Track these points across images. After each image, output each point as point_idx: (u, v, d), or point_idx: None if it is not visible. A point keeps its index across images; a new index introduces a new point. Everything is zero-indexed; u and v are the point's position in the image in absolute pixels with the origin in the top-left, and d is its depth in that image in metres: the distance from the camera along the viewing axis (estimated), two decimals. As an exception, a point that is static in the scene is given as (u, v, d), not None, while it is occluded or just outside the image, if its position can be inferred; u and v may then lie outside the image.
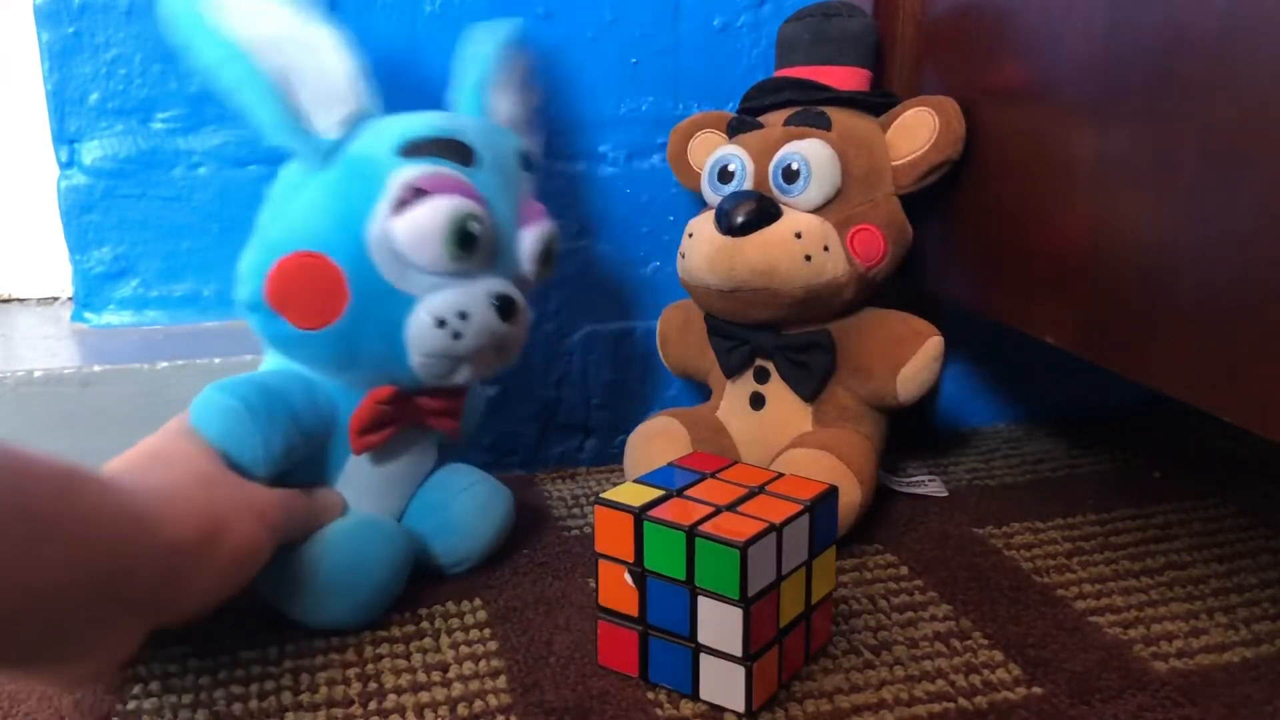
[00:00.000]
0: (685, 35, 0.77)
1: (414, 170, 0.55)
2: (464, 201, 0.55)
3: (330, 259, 0.54)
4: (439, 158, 0.56)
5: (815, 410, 0.69)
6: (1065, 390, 0.91)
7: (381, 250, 0.54)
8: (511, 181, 0.59)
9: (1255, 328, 0.46)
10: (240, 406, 0.53)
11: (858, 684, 0.52)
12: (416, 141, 0.56)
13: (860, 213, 0.67)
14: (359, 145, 0.56)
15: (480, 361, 0.58)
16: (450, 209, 0.54)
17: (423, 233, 0.54)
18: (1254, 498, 0.74)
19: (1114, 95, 0.55)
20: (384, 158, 0.56)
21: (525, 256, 0.59)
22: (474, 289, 0.56)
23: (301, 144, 0.56)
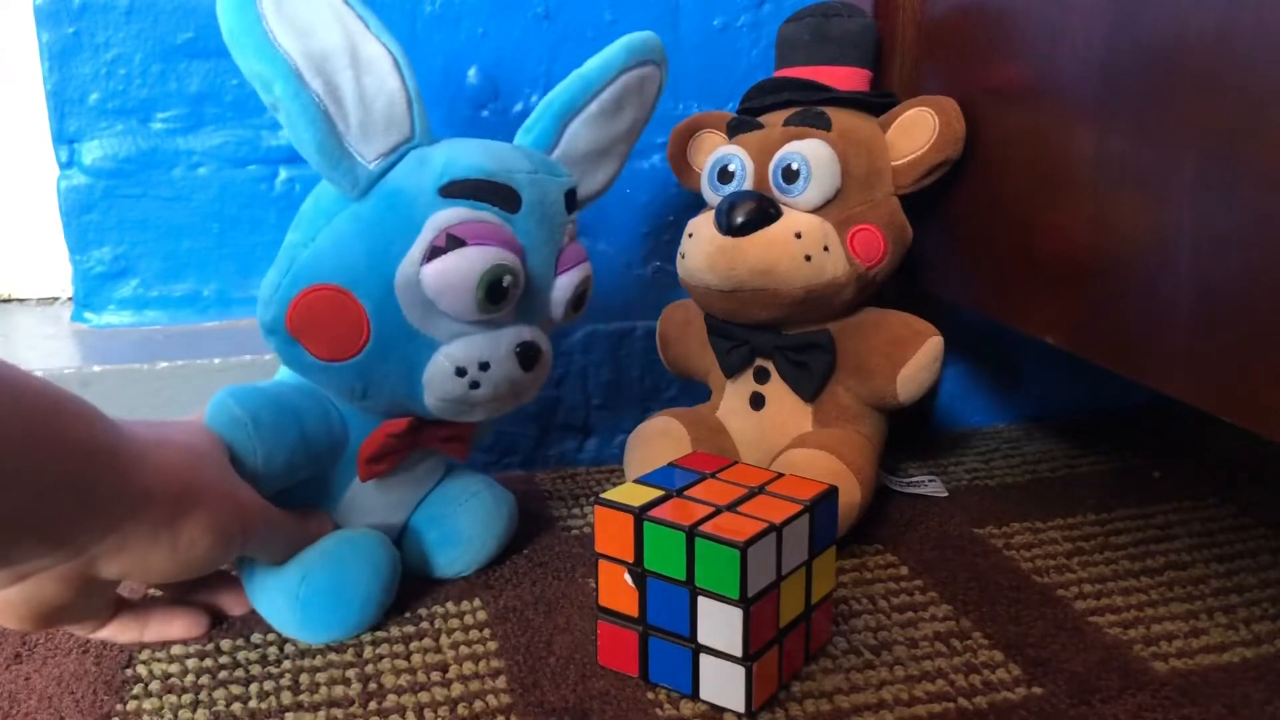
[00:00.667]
0: (685, 35, 0.77)
1: (451, 214, 0.52)
2: (500, 253, 0.53)
3: (355, 296, 0.52)
4: (481, 201, 0.53)
5: (815, 410, 0.69)
6: (1065, 390, 0.91)
7: (408, 293, 0.53)
8: (554, 227, 0.57)
9: (1255, 328, 0.46)
10: (247, 419, 0.52)
11: (858, 684, 0.52)
12: (460, 182, 0.53)
13: (860, 213, 0.67)
14: (399, 177, 0.53)
15: (497, 406, 0.57)
16: (484, 261, 0.52)
17: (454, 283, 0.52)
18: (1254, 498, 0.74)
19: (1114, 95, 0.55)
20: (423, 196, 0.53)
21: (557, 302, 0.58)
22: (498, 339, 0.55)
23: (343, 174, 0.52)
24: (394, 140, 0.53)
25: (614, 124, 0.63)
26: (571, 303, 0.59)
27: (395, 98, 0.53)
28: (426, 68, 0.72)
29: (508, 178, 0.54)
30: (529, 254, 0.55)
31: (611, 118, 0.63)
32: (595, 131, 0.62)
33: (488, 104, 0.75)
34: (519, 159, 0.56)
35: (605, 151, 0.64)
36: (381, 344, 0.53)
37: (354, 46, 0.52)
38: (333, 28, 0.51)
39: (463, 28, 0.73)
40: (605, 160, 0.64)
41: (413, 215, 0.53)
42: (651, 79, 0.64)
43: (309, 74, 0.50)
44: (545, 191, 0.56)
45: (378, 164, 0.53)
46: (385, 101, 0.53)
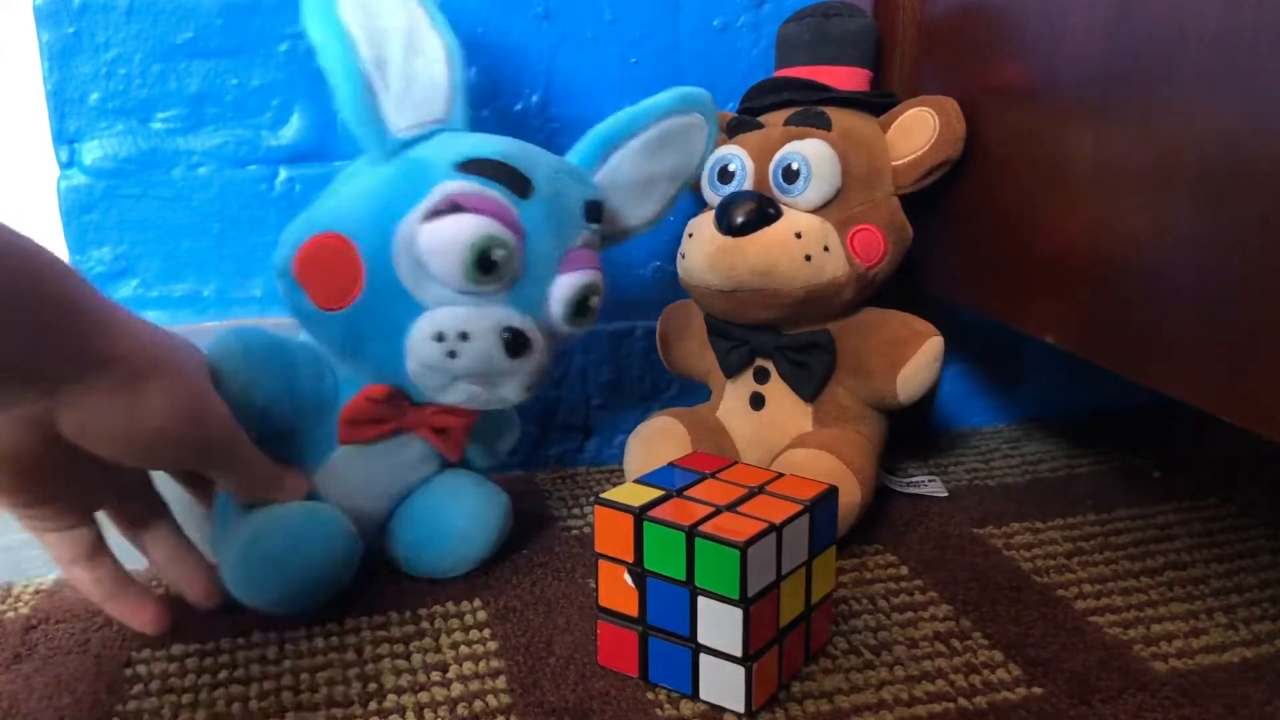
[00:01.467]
0: (685, 35, 0.77)
1: (460, 185, 0.55)
2: (496, 225, 0.54)
3: (355, 246, 0.55)
4: (492, 180, 0.55)
5: (815, 410, 0.69)
6: (1065, 390, 0.91)
7: (404, 252, 0.55)
8: (564, 225, 0.58)
9: (1255, 328, 0.46)
10: (239, 347, 0.54)
11: (858, 684, 0.52)
12: (478, 160, 0.56)
13: (860, 213, 0.67)
14: (423, 150, 0.57)
15: (477, 392, 0.58)
16: (477, 229, 0.54)
17: (445, 244, 0.54)
18: (1254, 498, 0.74)
19: (1114, 95, 0.55)
20: (440, 167, 0.56)
21: (556, 300, 0.58)
22: (483, 314, 0.56)
23: (370, 134, 0.56)
24: (427, 118, 0.57)
25: (656, 162, 0.66)
26: (573, 305, 0.59)
27: (438, 83, 0.58)
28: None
29: (524, 166, 0.57)
30: (530, 239, 0.56)
31: (654, 155, 0.65)
32: (639, 165, 0.65)
33: (488, 104, 0.75)
34: (544, 158, 0.59)
35: (648, 187, 0.66)
36: (372, 298, 0.55)
37: (412, 32, 0.57)
38: (398, 13, 0.56)
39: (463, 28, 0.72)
40: (648, 195, 0.67)
41: (426, 180, 0.55)
42: (698, 128, 0.67)
43: (363, 44, 0.55)
44: (562, 190, 0.58)
45: (406, 134, 0.57)
46: (428, 83, 0.57)
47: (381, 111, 0.56)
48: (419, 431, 0.61)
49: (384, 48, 0.56)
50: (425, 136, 0.58)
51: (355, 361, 0.58)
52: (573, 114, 0.76)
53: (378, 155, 0.57)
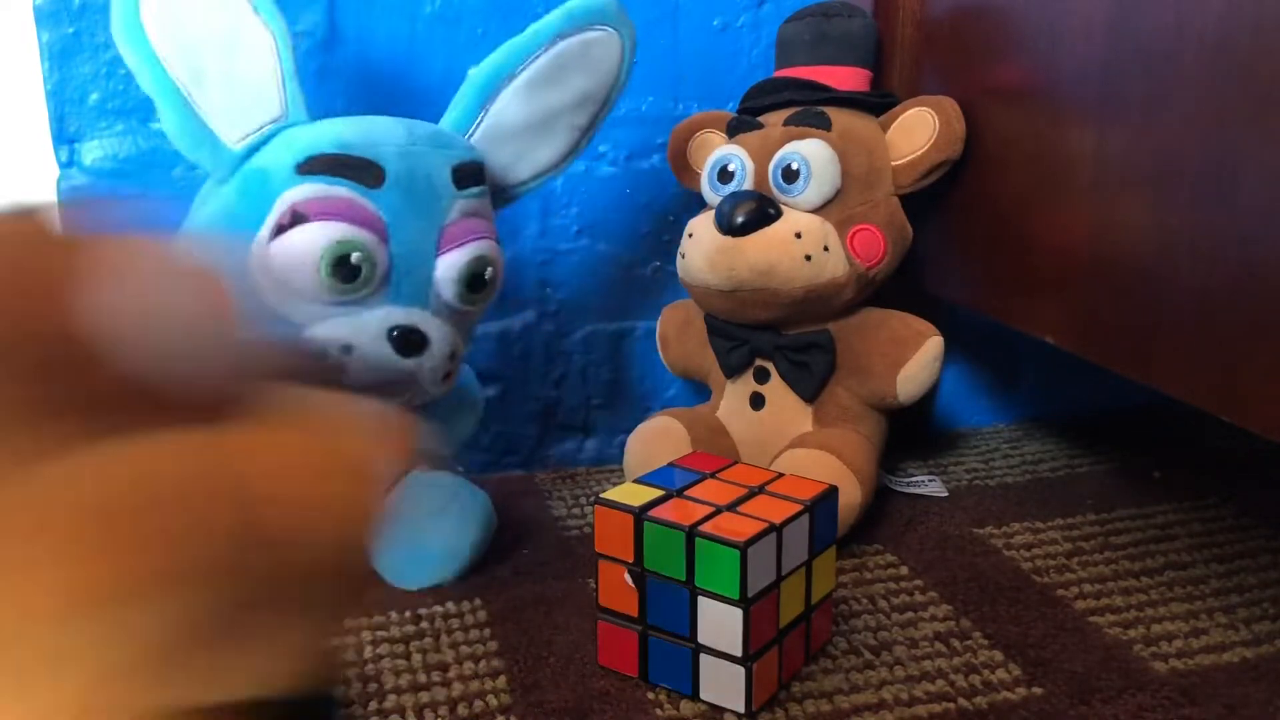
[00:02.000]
0: (685, 35, 0.77)
1: (300, 191, 0.51)
2: (347, 228, 0.51)
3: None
4: (337, 177, 0.52)
5: (815, 410, 0.69)
6: (1065, 390, 0.91)
7: (262, 274, 0.51)
8: (429, 203, 0.54)
9: (1255, 328, 0.46)
10: None
11: (858, 684, 0.52)
12: (317, 158, 0.52)
13: (860, 213, 0.67)
14: (262, 158, 0.53)
15: (391, 395, 0.55)
16: (326, 237, 0.50)
17: (296, 260, 0.50)
18: (1254, 498, 0.74)
19: (1114, 95, 0.55)
20: (280, 174, 0.52)
21: (443, 283, 0.55)
22: (363, 321, 0.52)
23: (206, 156, 0.53)
24: (260, 120, 0.53)
25: (555, 94, 0.59)
26: (463, 282, 0.55)
27: (266, 80, 0.53)
28: (426, 68, 0.72)
29: (370, 152, 0.52)
30: (393, 230, 0.52)
31: (550, 87, 0.59)
32: (530, 103, 0.58)
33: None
34: (392, 132, 0.54)
35: (547, 125, 0.60)
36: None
37: (231, 28, 0.52)
38: (211, 12, 0.51)
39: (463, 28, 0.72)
40: (548, 135, 0.60)
41: (269, 194, 0.52)
42: (603, 43, 0.59)
43: (174, 61, 0.51)
44: (420, 165, 0.54)
45: (243, 144, 0.53)
46: (254, 81, 0.53)
47: (209, 127, 0.52)
48: None
49: (198, 56, 0.51)
50: (263, 141, 0.53)
51: None
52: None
53: (218, 173, 0.53)
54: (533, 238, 0.77)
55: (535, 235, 0.77)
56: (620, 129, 0.77)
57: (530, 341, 0.79)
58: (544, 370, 0.80)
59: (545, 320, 0.79)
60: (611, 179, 0.78)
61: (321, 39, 0.69)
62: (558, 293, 0.79)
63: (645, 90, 0.77)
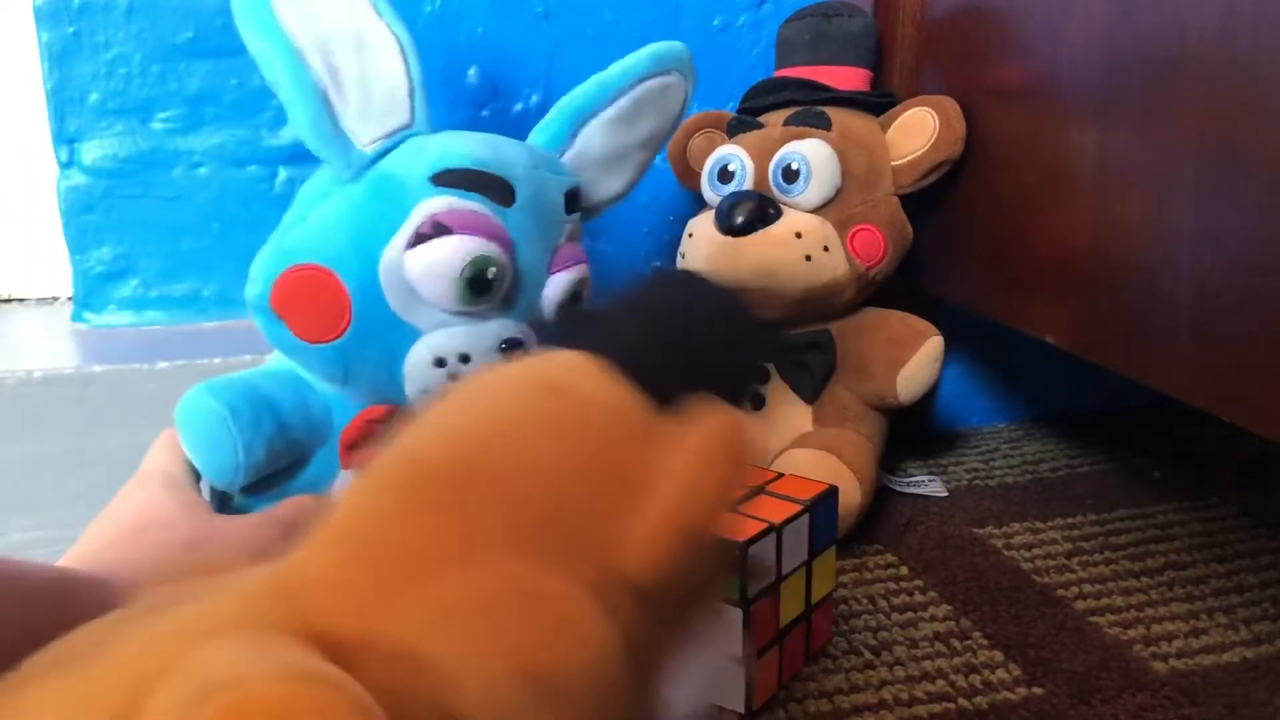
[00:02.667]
0: (685, 35, 0.77)
1: (441, 202, 0.52)
2: (486, 244, 0.52)
3: (338, 277, 0.52)
4: (473, 192, 0.52)
5: (815, 410, 0.69)
6: (1065, 390, 0.91)
7: (392, 279, 0.52)
8: (550, 225, 0.56)
9: (1255, 328, 0.46)
10: (225, 412, 0.51)
11: (858, 684, 0.52)
12: (453, 171, 0.52)
13: (860, 213, 0.67)
14: (393, 163, 0.53)
15: None
16: (468, 251, 0.51)
17: (436, 272, 0.51)
18: (1254, 498, 0.74)
19: (1114, 95, 0.55)
20: (415, 182, 0.52)
21: (550, 301, 0.57)
22: (482, 332, 0.54)
23: (335, 154, 0.53)
24: (391, 125, 0.53)
25: (631, 131, 0.62)
26: (565, 302, 0.57)
27: (397, 84, 0.53)
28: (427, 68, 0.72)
29: (503, 170, 0.54)
30: (520, 248, 0.54)
31: (629, 124, 0.61)
32: (611, 137, 0.61)
33: (488, 104, 0.74)
34: (518, 154, 0.55)
35: (622, 158, 0.62)
36: (363, 328, 0.53)
37: (360, 30, 0.52)
38: (340, 11, 0.51)
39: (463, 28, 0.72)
40: (621, 167, 0.63)
41: (403, 200, 0.52)
42: (674, 89, 0.62)
43: (311, 53, 0.51)
44: (543, 188, 0.56)
45: (373, 148, 0.53)
46: (386, 87, 0.53)
47: (343, 126, 0.52)
48: None
49: (334, 53, 0.51)
50: (392, 146, 0.54)
51: (349, 387, 0.56)
52: (573, 114, 0.76)
53: (344, 173, 0.53)
54: (533, 238, 0.77)
55: (535, 235, 0.77)
56: (620, 129, 0.77)
57: (530, 341, 0.79)
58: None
59: (545, 320, 0.79)
60: (611, 179, 0.78)
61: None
62: (558, 293, 0.78)
63: (645, 90, 0.77)
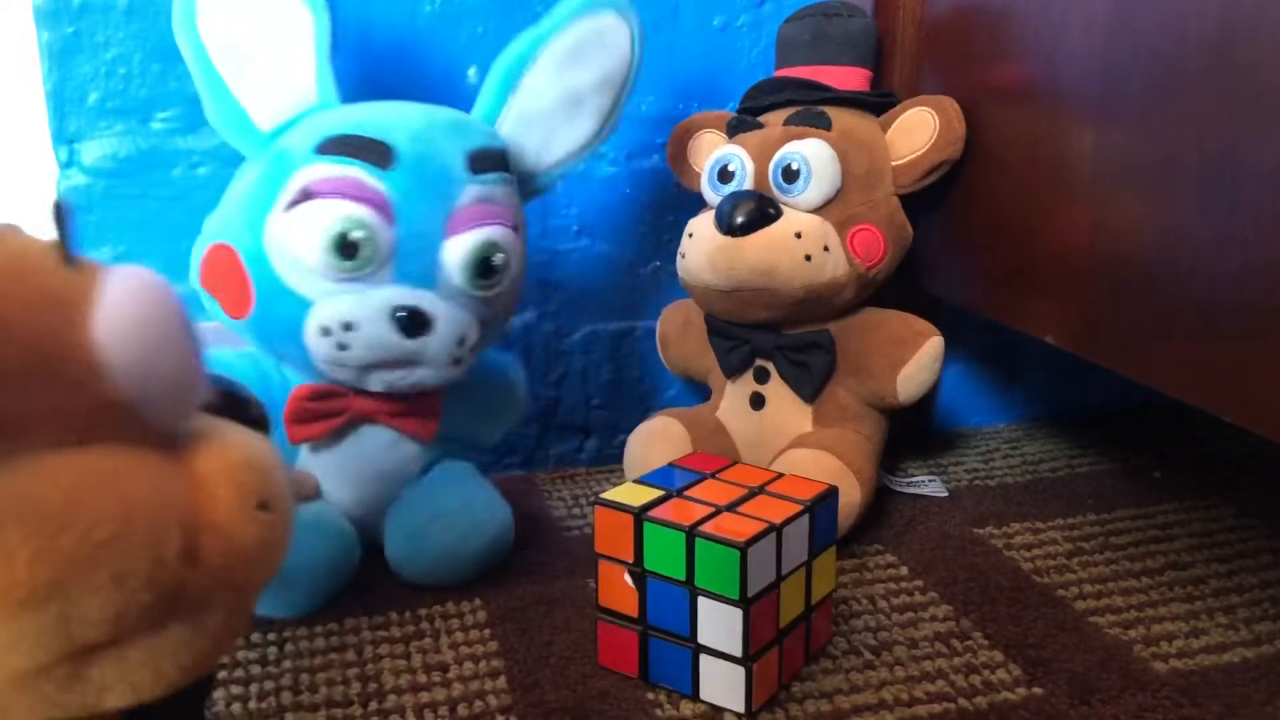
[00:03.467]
0: (685, 35, 0.77)
1: (315, 169, 0.54)
2: (349, 206, 0.53)
3: (237, 254, 0.55)
4: (350, 157, 0.54)
5: (815, 410, 0.69)
6: (1065, 390, 0.91)
7: (275, 251, 0.54)
8: (441, 185, 0.56)
9: (1255, 328, 0.46)
10: None
11: (858, 684, 0.52)
12: (333, 139, 0.54)
13: (860, 213, 0.67)
14: (288, 139, 0.56)
15: (388, 372, 0.56)
16: (329, 214, 0.53)
17: (303, 236, 0.53)
18: (1254, 498, 0.74)
19: (1114, 95, 0.55)
20: (301, 154, 0.55)
21: (451, 267, 0.56)
22: (366, 299, 0.54)
23: (239, 137, 0.56)
24: (292, 103, 0.56)
25: (574, 74, 0.62)
26: (471, 268, 0.56)
27: (301, 62, 0.56)
28: (426, 68, 0.72)
29: (383, 135, 0.55)
30: (400, 210, 0.54)
31: (568, 68, 0.61)
32: (554, 84, 0.61)
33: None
34: (411, 118, 0.56)
35: (574, 104, 0.62)
36: (265, 302, 0.55)
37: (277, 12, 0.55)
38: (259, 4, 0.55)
39: (463, 28, 0.72)
40: (577, 114, 0.63)
41: (287, 171, 0.54)
42: (614, 29, 0.62)
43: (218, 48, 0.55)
44: (432, 150, 0.56)
45: (272, 126, 0.56)
46: (290, 66, 0.56)
47: (242, 109, 0.56)
48: (379, 419, 0.59)
49: (241, 43, 0.55)
50: (291, 123, 0.56)
51: (286, 362, 0.58)
52: (573, 114, 0.76)
53: (252, 154, 0.57)
54: (533, 238, 0.77)
55: (535, 235, 0.77)
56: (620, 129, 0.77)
57: (530, 341, 0.79)
58: (544, 370, 0.80)
59: (545, 320, 0.79)
60: (611, 179, 0.78)
61: (321, 39, 0.69)
62: (558, 293, 0.79)
63: (645, 90, 0.77)
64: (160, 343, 0.28)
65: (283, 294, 0.54)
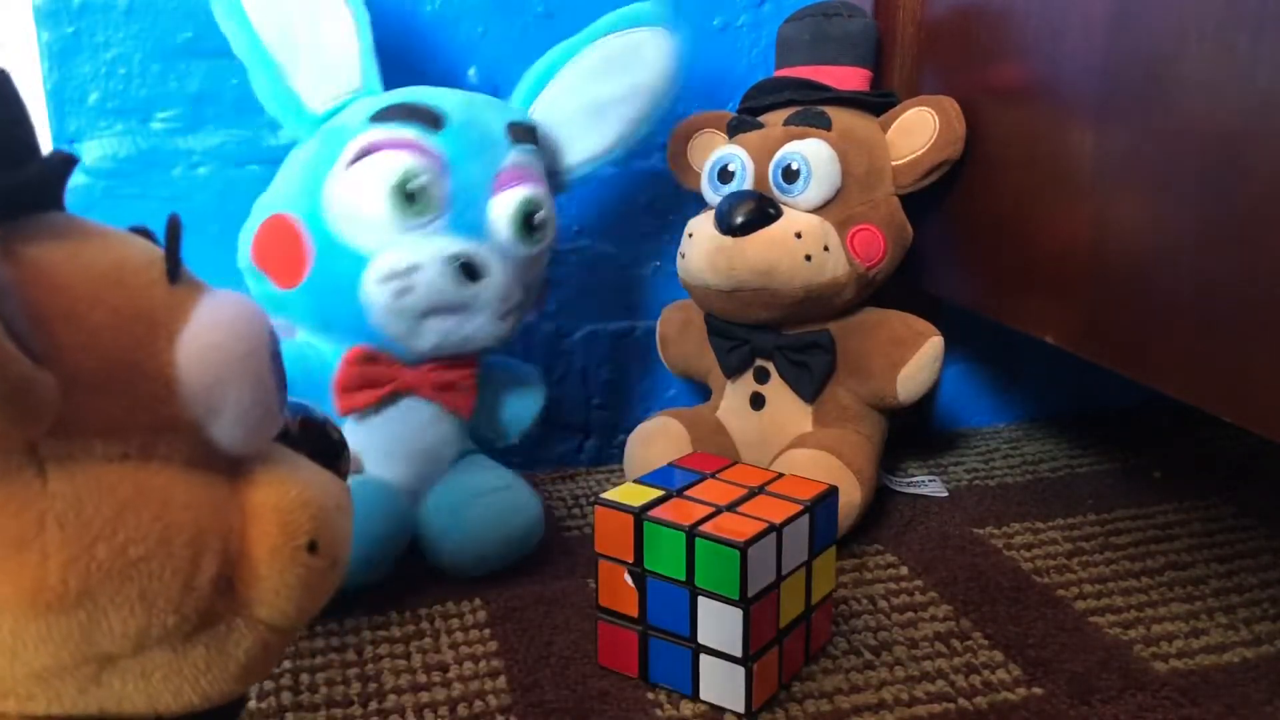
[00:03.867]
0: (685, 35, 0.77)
1: (371, 133, 0.57)
2: (408, 156, 0.56)
3: (292, 220, 0.57)
4: (404, 121, 0.57)
5: (815, 410, 0.69)
6: (1065, 390, 0.91)
7: (336, 208, 0.57)
8: (487, 147, 0.59)
9: (1255, 327, 0.46)
10: None
11: (858, 684, 0.52)
12: (388, 107, 0.58)
13: (860, 213, 0.67)
14: (341, 117, 0.59)
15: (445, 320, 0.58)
16: (391, 162, 0.56)
17: (366, 186, 0.56)
18: (1254, 498, 0.74)
19: (1114, 95, 0.55)
20: (355, 125, 0.58)
21: (498, 220, 0.59)
22: (425, 244, 0.57)
23: (290, 116, 0.59)
24: (341, 88, 0.60)
25: (601, 86, 0.65)
26: (516, 220, 0.59)
27: (349, 53, 0.59)
28: (427, 67, 0.72)
29: (433, 103, 0.59)
30: (453, 165, 0.58)
31: (596, 80, 0.65)
32: (579, 93, 0.65)
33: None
34: (455, 94, 0.61)
35: (596, 114, 0.66)
36: (323, 263, 0.57)
37: (316, 6, 0.58)
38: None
39: (463, 28, 0.72)
40: (599, 122, 0.66)
41: (343, 140, 0.58)
42: (651, 43, 0.66)
43: (268, 30, 0.58)
44: (477, 117, 0.60)
45: (325, 108, 0.60)
46: (337, 55, 0.59)
47: (296, 92, 0.59)
48: (421, 392, 0.61)
49: (290, 28, 0.58)
50: (342, 106, 0.60)
51: (331, 332, 0.59)
52: (573, 114, 0.75)
53: (301, 133, 0.60)
54: (533, 238, 0.77)
55: (535, 235, 0.77)
56: (620, 129, 0.77)
57: (530, 341, 0.79)
58: (544, 370, 0.80)
59: (545, 320, 0.79)
60: (611, 179, 0.78)
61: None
62: (558, 293, 0.79)
63: (645, 90, 0.77)
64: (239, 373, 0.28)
65: (341, 253, 0.57)
